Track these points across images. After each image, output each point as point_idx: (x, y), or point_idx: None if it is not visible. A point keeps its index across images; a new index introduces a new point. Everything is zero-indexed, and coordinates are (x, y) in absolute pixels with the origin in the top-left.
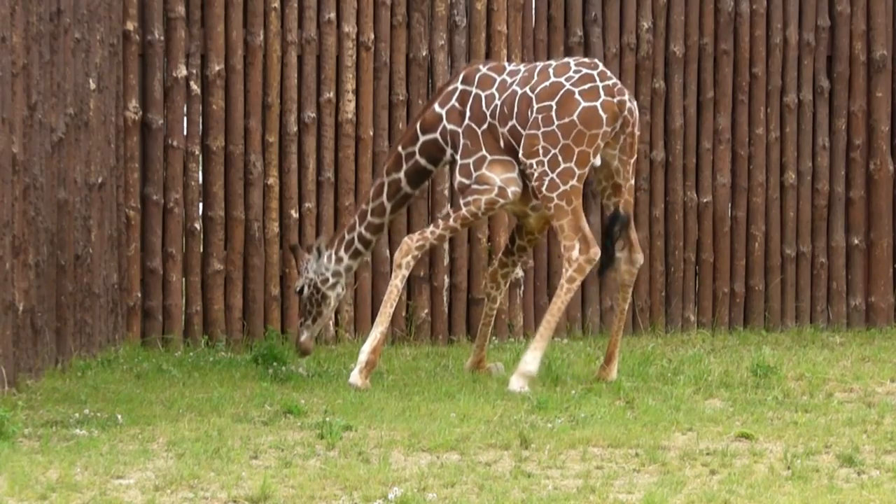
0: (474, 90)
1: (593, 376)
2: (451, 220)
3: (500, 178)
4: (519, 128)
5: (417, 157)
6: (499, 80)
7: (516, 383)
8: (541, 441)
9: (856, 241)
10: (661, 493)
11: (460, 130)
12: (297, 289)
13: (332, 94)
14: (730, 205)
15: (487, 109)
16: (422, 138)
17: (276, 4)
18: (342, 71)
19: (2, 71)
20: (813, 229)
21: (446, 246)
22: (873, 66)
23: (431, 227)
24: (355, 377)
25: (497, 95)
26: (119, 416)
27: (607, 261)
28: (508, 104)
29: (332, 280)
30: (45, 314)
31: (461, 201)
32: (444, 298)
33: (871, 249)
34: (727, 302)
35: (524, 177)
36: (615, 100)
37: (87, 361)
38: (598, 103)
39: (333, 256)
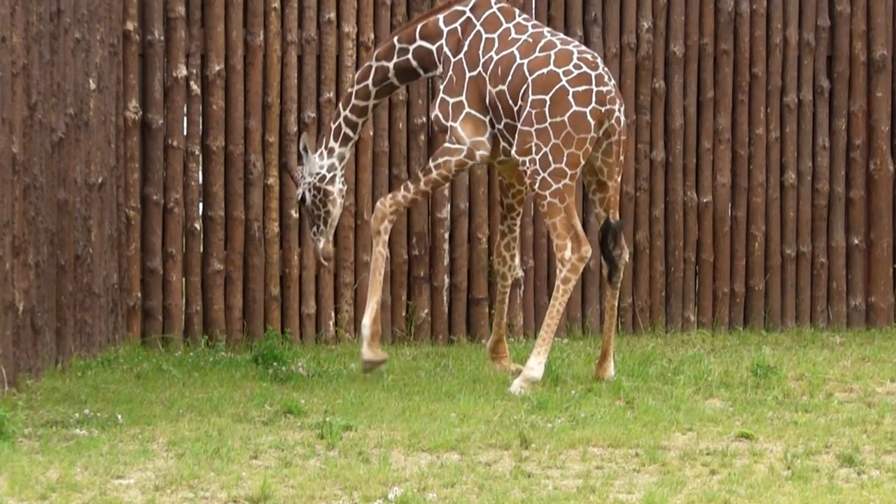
0: (479, 25)
1: (592, 375)
2: (422, 183)
3: (470, 140)
4: (508, 97)
5: (410, 56)
6: (504, 27)
7: (518, 386)
8: (541, 441)
9: (856, 241)
10: (661, 493)
11: (453, 61)
12: (299, 198)
13: (332, 94)
14: (730, 205)
15: (483, 56)
16: (418, 42)
17: (276, 4)
18: (342, 71)
19: (2, 71)
20: (813, 229)
21: (446, 246)
22: (873, 66)
23: (403, 192)
24: (366, 352)
25: (496, 44)
26: (119, 416)
27: (612, 268)
28: (504, 67)
29: (328, 175)
30: (45, 314)
31: (432, 164)
32: (444, 298)
33: (871, 249)
34: (727, 302)
35: (501, 141)
36: (604, 108)
37: (87, 361)
38: (587, 109)
39: (324, 151)
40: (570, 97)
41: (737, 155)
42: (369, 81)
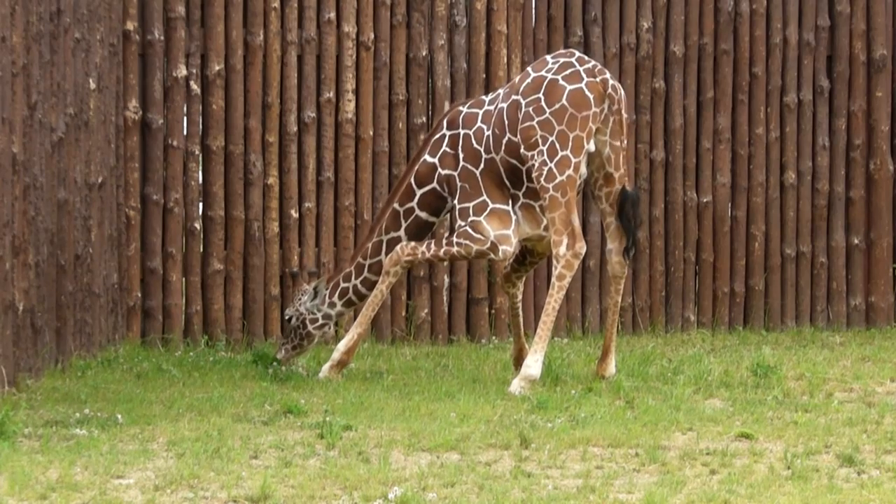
0: (462, 131)
1: (593, 374)
2: (442, 250)
3: (494, 234)
4: (514, 139)
5: (417, 211)
6: (481, 112)
7: (518, 386)
8: (541, 441)
9: (856, 241)
10: (661, 493)
11: (456, 174)
12: (287, 317)
13: (332, 94)
14: (730, 205)
15: (481, 145)
16: (419, 192)
17: (276, 4)
18: (342, 71)
19: (2, 71)
20: (813, 229)
21: None
22: (873, 66)
23: (423, 248)
24: (325, 371)
25: (485, 128)
26: (119, 416)
27: (631, 243)
28: (498, 125)
29: (321, 321)
30: (45, 314)
31: (454, 238)
32: (444, 298)
33: (871, 249)
34: (727, 302)
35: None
36: (597, 79)
37: (87, 361)
38: (582, 85)
39: (328, 300)
40: (561, 82)
41: (737, 155)
42: (383, 256)
